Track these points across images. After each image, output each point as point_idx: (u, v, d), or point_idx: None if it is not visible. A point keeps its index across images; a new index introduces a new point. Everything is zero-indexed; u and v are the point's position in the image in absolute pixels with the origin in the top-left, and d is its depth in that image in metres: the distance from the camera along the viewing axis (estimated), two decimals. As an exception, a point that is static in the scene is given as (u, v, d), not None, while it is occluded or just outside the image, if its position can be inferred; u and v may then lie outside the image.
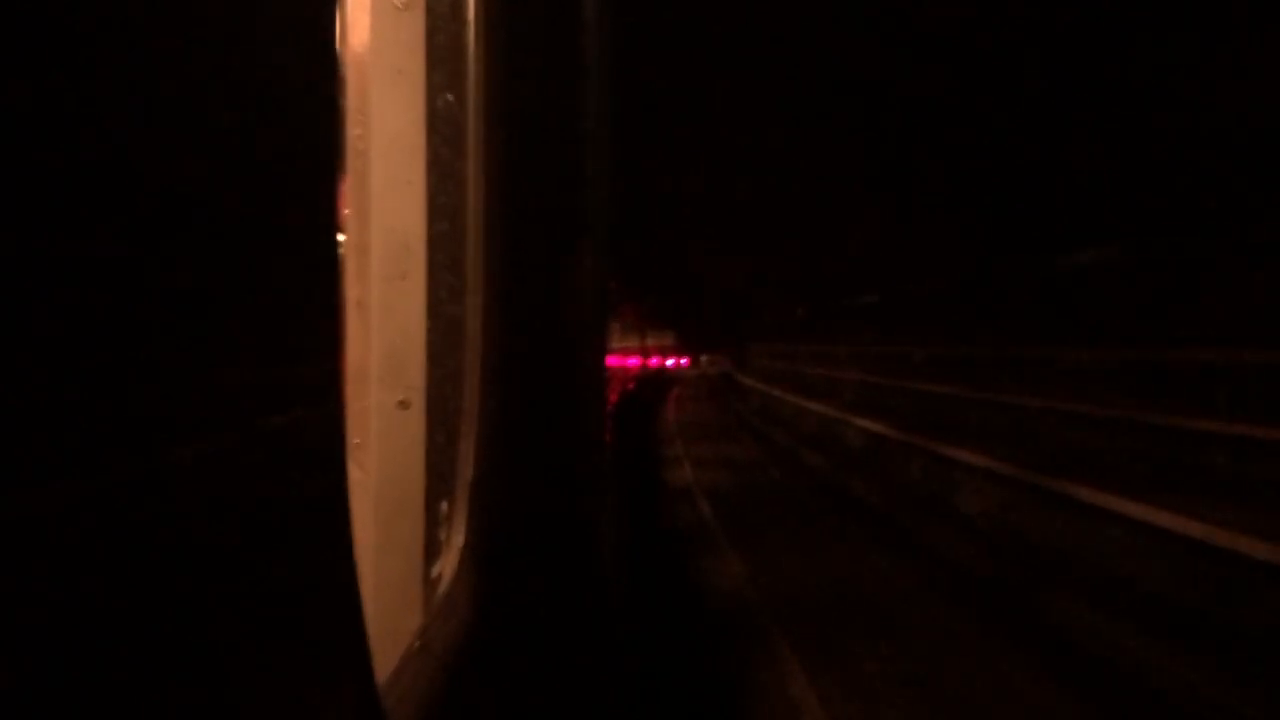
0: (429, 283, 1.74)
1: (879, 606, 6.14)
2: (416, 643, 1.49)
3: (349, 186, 1.63)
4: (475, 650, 1.62)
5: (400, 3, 1.65)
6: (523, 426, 1.93)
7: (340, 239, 1.34)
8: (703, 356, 44.50)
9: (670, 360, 42.63)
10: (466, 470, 1.78)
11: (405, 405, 1.72)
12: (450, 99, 1.77)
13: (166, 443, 0.66)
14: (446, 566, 1.73)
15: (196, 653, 0.69)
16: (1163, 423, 6.75)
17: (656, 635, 5.53)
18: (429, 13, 1.71)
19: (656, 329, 41.18)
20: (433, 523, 1.75)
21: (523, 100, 1.87)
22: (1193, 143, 6.72)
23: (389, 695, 1.21)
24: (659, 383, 30.96)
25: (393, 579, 1.67)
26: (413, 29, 1.69)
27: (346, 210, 1.63)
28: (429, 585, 1.71)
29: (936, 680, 5.15)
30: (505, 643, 1.79)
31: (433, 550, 1.75)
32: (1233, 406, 6.30)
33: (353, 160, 1.63)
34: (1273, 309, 6.04)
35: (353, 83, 1.59)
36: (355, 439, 1.61)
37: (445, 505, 1.78)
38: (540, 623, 1.89)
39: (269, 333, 0.85)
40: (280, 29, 0.88)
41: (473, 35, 1.81)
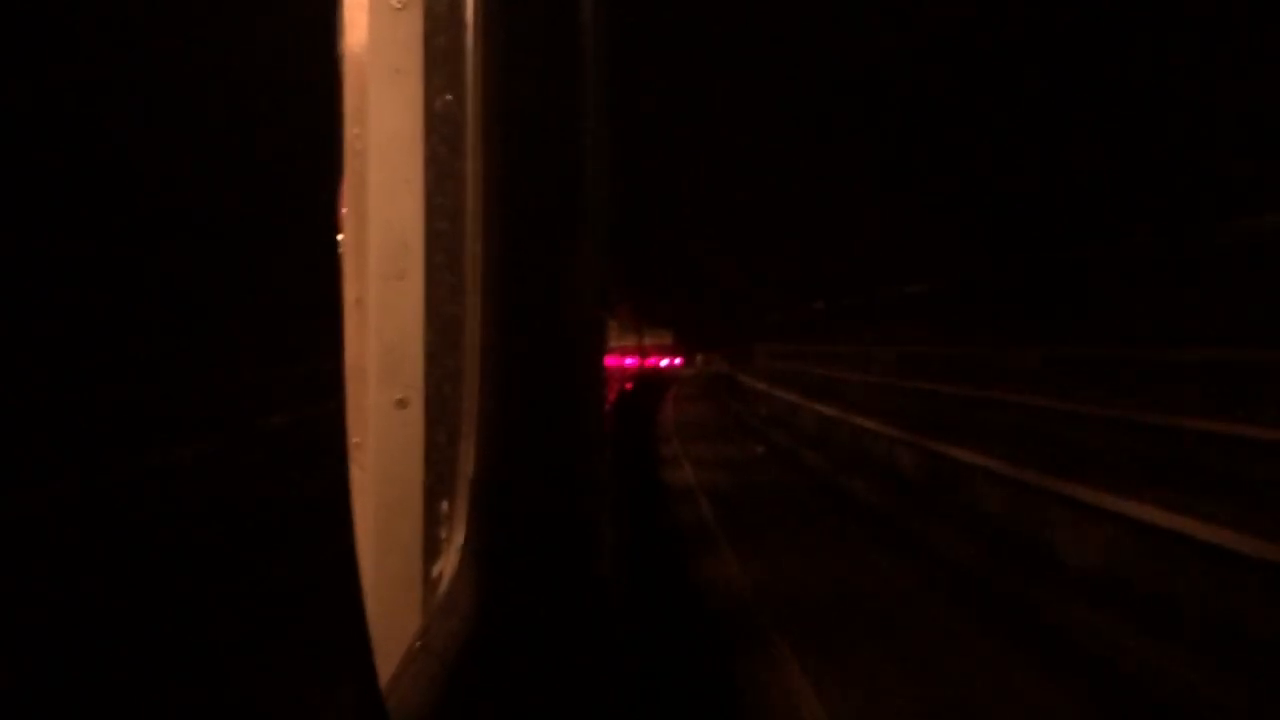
0: (427, 282, 1.75)
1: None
2: (417, 642, 1.49)
3: (347, 186, 1.63)
4: (476, 649, 1.61)
5: (398, 2, 1.65)
6: (522, 425, 1.93)
7: (339, 238, 1.34)
8: (698, 356, 43.89)
9: (664, 361, 40.92)
10: (466, 469, 1.78)
11: (404, 404, 1.72)
12: (449, 99, 1.77)
13: (166, 442, 0.66)
14: (446, 566, 1.73)
15: (196, 653, 0.69)
16: (1167, 423, 6.70)
17: (657, 635, 5.53)
18: (427, 13, 1.71)
19: (654, 328, 40.64)
20: (432, 522, 1.75)
21: (521, 100, 1.87)
22: (1194, 143, 6.73)
23: (390, 695, 1.21)
24: (654, 384, 30.41)
25: (393, 578, 1.67)
26: (411, 29, 1.69)
27: (345, 210, 1.63)
28: (429, 585, 1.71)
29: (936, 680, 5.15)
30: (506, 642, 1.79)
31: (432, 549, 1.75)
32: (1234, 407, 6.30)
33: (351, 160, 1.63)
34: (1273, 309, 6.04)
35: (351, 82, 1.59)
36: (354, 438, 1.61)
37: (445, 504, 1.78)
38: (541, 622, 1.89)
39: (268, 332, 0.85)
40: (278, 29, 0.88)
41: (471, 35, 1.81)
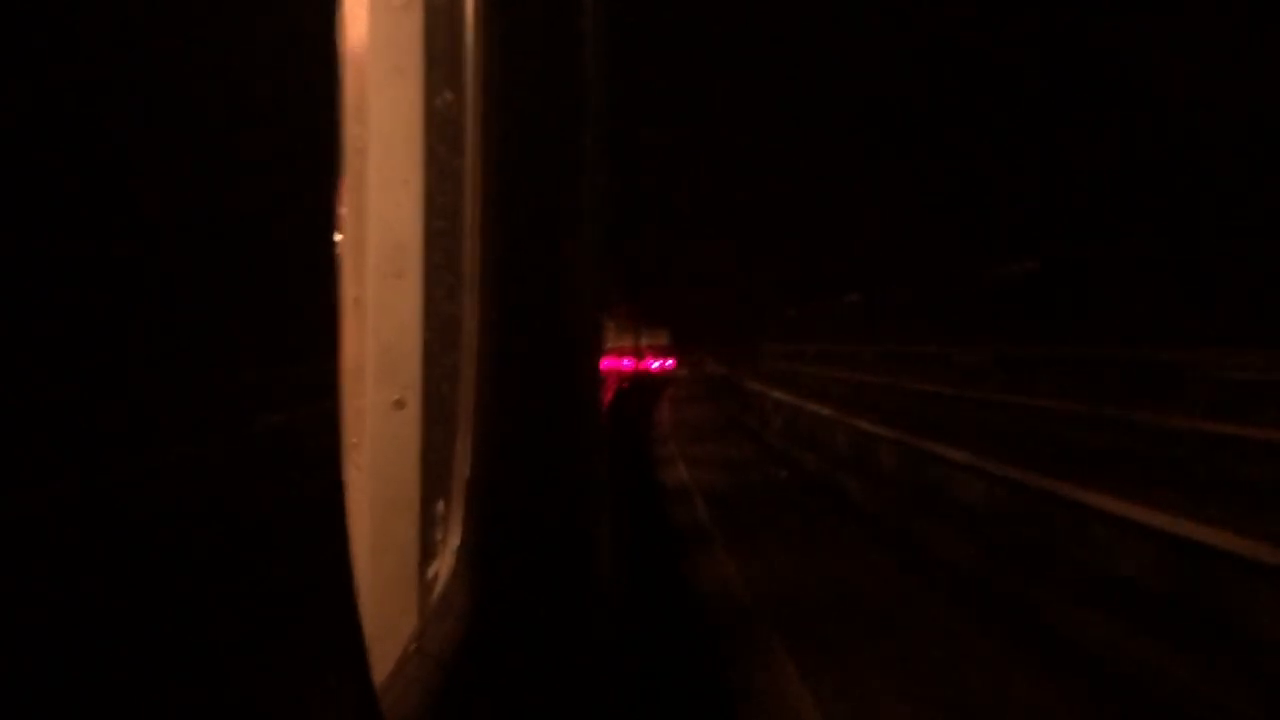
0: (425, 281, 1.74)
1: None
2: (413, 644, 1.49)
3: (346, 185, 1.63)
4: (472, 651, 1.61)
5: (399, 1, 1.65)
6: (519, 426, 1.93)
7: (337, 238, 1.34)
8: (692, 356, 43.40)
9: (655, 362, 38.77)
10: (463, 470, 1.78)
11: (401, 404, 1.72)
12: (448, 97, 1.76)
13: (166, 442, 0.66)
14: (443, 567, 1.72)
15: (196, 653, 0.69)
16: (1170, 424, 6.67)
17: (655, 636, 5.53)
18: (427, 11, 1.70)
19: (650, 328, 40.16)
20: (428, 522, 1.75)
21: (521, 99, 1.87)
22: (1194, 143, 6.74)
23: (386, 696, 1.21)
24: (645, 388, 29.69)
25: (389, 579, 1.66)
26: (411, 28, 1.69)
27: (343, 209, 1.63)
28: (425, 586, 1.71)
29: (935, 680, 5.16)
30: (502, 643, 1.79)
31: (429, 550, 1.74)
32: (1233, 406, 6.30)
33: (350, 159, 1.62)
34: (1273, 309, 6.05)
35: (350, 81, 1.58)
36: (351, 438, 1.61)
37: (441, 505, 1.78)
38: (537, 623, 1.89)
39: (266, 332, 0.84)
40: (278, 29, 0.88)
41: (471, 34, 1.80)
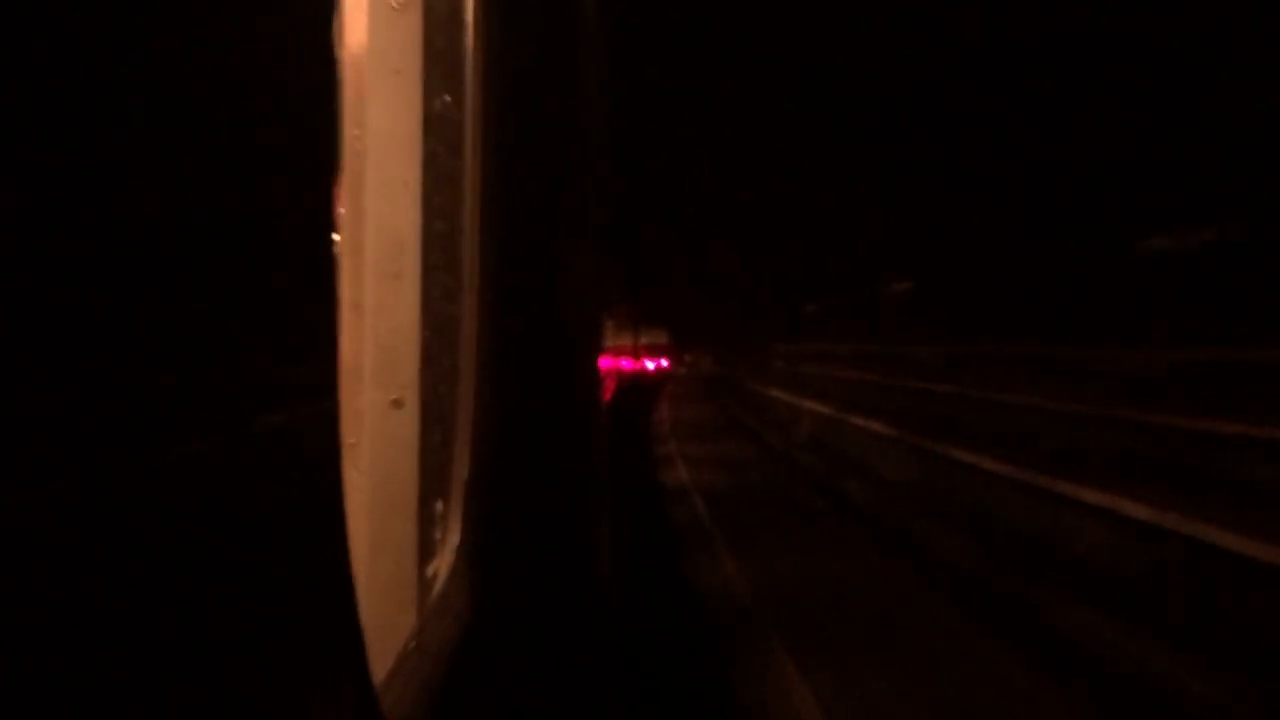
0: (424, 282, 1.74)
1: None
2: (412, 643, 1.49)
3: (345, 186, 1.63)
4: (471, 650, 1.61)
5: (397, 4, 1.65)
6: (518, 425, 1.93)
7: (336, 238, 1.34)
8: (686, 356, 42.85)
9: (651, 363, 37.54)
10: (461, 469, 1.78)
11: (399, 404, 1.72)
12: (447, 99, 1.77)
13: (166, 442, 0.66)
14: (442, 566, 1.73)
15: (196, 653, 0.69)
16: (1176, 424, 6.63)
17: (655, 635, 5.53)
18: (426, 14, 1.71)
19: (650, 328, 39.76)
20: (427, 522, 1.75)
21: (520, 101, 1.87)
22: (1196, 142, 6.74)
23: (386, 695, 1.21)
24: (644, 388, 29.08)
25: (388, 579, 1.66)
26: (410, 30, 1.69)
27: (342, 210, 1.63)
28: (424, 585, 1.71)
29: (936, 681, 5.16)
30: (501, 642, 1.79)
31: (427, 550, 1.74)
32: (1232, 407, 6.29)
33: (349, 160, 1.62)
34: (1273, 308, 6.04)
35: (349, 83, 1.59)
36: (349, 438, 1.61)
37: (440, 504, 1.78)
38: (537, 622, 1.89)
39: (266, 332, 0.85)
40: (278, 29, 0.88)
41: (470, 36, 1.81)
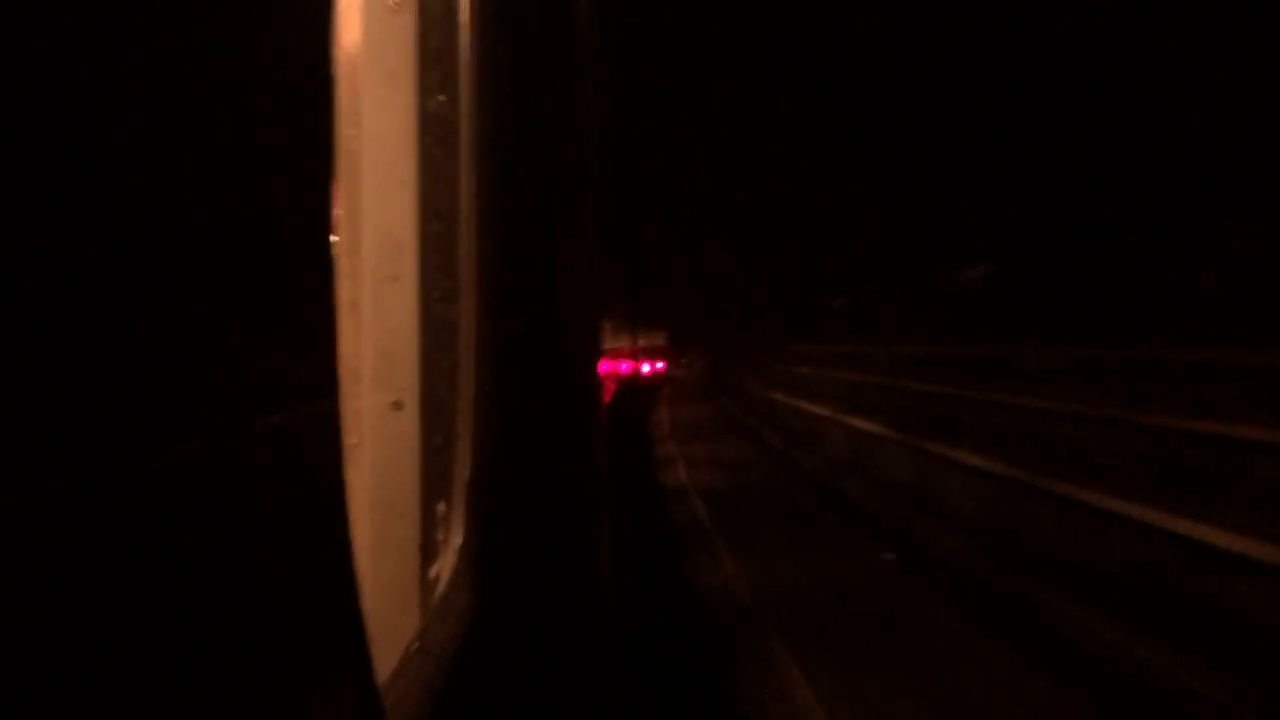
0: (421, 284, 1.74)
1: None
2: (414, 643, 1.49)
3: (341, 187, 1.63)
4: (474, 650, 1.61)
5: (393, 3, 1.65)
6: (518, 427, 1.93)
7: (333, 240, 1.34)
8: (683, 359, 42.53)
9: (645, 366, 35.78)
10: (462, 471, 1.78)
11: (399, 406, 1.72)
12: (443, 100, 1.77)
13: (165, 442, 0.66)
14: (444, 567, 1.73)
15: (196, 653, 0.69)
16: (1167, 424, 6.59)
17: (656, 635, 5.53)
18: (421, 13, 1.71)
19: (649, 329, 39.46)
20: (429, 524, 1.75)
21: (516, 101, 1.87)
22: (1194, 142, 6.75)
23: (388, 695, 1.21)
24: (643, 389, 28.44)
25: (390, 580, 1.66)
26: (405, 30, 1.69)
27: (339, 211, 1.63)
28: (426, 586, 1.71)
29: (937, 681, 5.16)
30: (503, 643, 1.79)
31: (429, 551, 1.74)
32: (1232, 407, 6.26)
33: (345, 161, 1.62)
34: (1273, 309, 6.03)
35: (345, 83, 1.58)
36: (350, 440, 1.61)
37: (441, 506, 1.78)
38: (538, 623, 1.89)
39: (265, 332, 0.85)
40: (274, 29, 0.88)
41: (465, 36, 1.81)
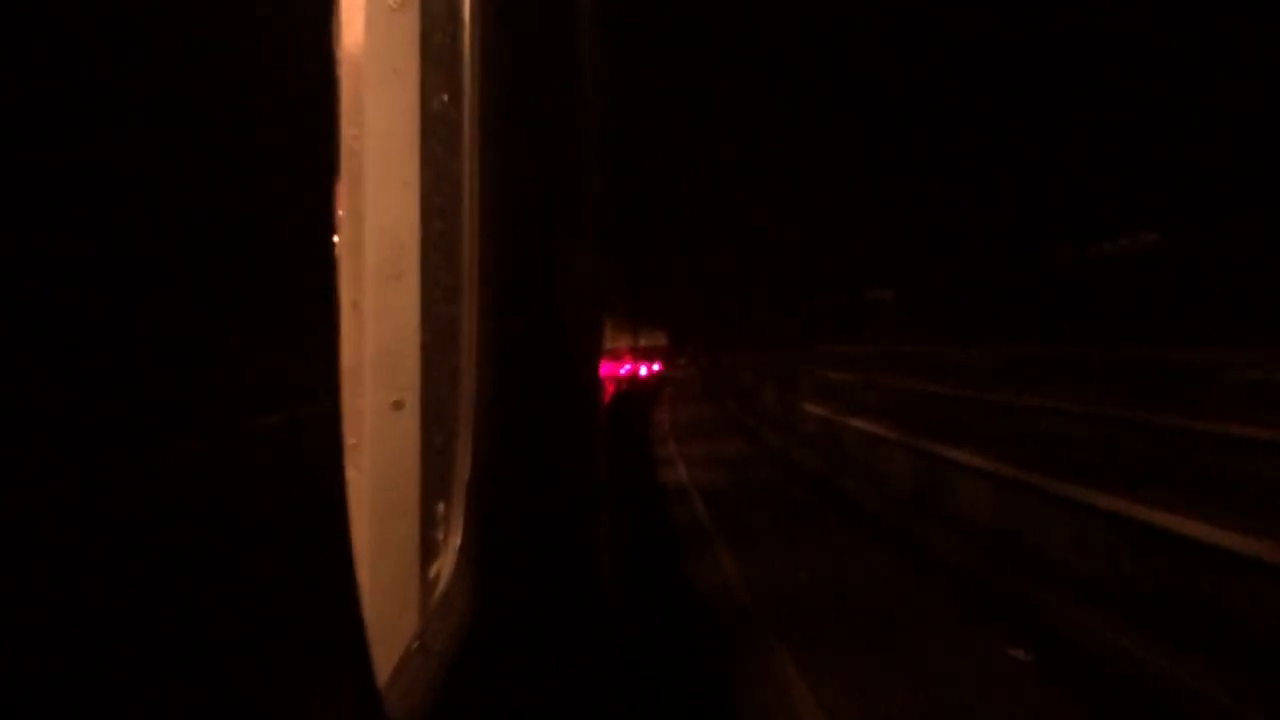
0: (423, 283, 1.74)
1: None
2: (415, 643, 1.49)
3: (343, 187, 1.63)
4: (474, 650, 1.61)
5: (395, 3, 1.65)
6: (519, 426, 1.93)
7: (335, 239, 1.34)
8: (681, 359, 42.36)
9: (643, 367, 35.60)
10: (463, 471, 1.78)
11: (399, 405, 1.72)
12: (445, 99, 1.77)
13: (166, 442, 0.66)
14: (444, 567, 1.73)
15: (196, 653, 0.69)
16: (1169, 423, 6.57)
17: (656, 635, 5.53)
18: (424, 13, 1.70)
19: (649, 329, 39.31)
20: (429, 523, 1.75)
21: (518, 100, 1.87)
22: (1194, 142, 6.74)
23: (388, 695, 1.21)
24: (642, 390, 28.16)
25: (390, 580, 1.66)
26: (407, 29, 1.69)
27: (341, 211, 1.63)
28: (426, 586, 1.71)
29: (933, 680, 5.16)
30: (504, 642, 1.79)
31: (429, 551, 1.74)
32: (1233, 406, 6.26)
33: (347, 160, 1.62)
34: (1273, 308, 6.02)
35: (347, 83, 1.59)
36: (350, 439, 1.61)
37: (442, 506, 1.78)
38: (539, 622, 1.89)
39: (265, 332, 0.84)
40: (276, 29, 0.88)
41: (468, 35, 1.81)
